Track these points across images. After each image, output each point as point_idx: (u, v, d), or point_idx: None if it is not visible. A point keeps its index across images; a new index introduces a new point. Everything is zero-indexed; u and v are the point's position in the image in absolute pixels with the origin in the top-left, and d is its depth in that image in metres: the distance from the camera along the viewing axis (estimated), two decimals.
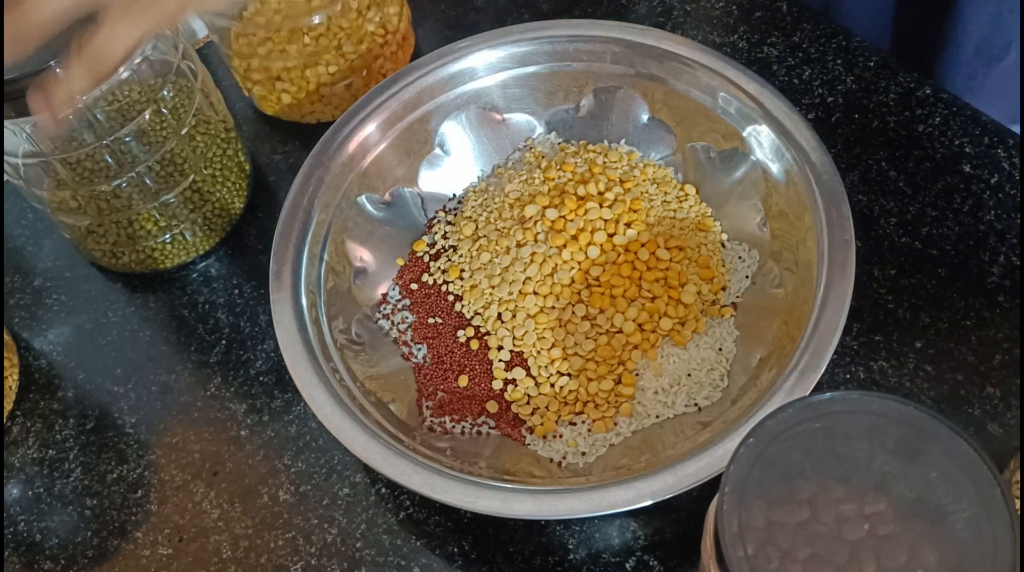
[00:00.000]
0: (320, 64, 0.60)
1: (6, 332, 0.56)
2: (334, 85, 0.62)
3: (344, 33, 0.60)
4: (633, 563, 0.47)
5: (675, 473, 0.42)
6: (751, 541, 0.30)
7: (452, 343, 0.53)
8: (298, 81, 0.61)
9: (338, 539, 0.49)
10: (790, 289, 0.50)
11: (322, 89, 0.61)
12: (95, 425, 0.54)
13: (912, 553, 0.30)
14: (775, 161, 0.52)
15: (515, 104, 0.58)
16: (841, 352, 0.51)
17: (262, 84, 0.62)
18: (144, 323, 0.58)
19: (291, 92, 0.62)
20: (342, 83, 0.62)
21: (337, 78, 0.61)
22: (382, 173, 0.56)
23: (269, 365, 0.55)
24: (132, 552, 0.50)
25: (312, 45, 0.60)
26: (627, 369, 0.50)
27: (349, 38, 0.60)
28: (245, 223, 0.61)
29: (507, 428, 0.50)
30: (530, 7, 0.68)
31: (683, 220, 0.54)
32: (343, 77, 0.62)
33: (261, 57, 0.60)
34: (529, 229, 0.53)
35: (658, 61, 0.55)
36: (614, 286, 0.51)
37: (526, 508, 0.43)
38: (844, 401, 0.33)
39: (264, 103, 0.64)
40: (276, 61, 0.60)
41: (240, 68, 0.62)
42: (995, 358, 0.50)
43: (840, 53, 0.63)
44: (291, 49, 0.59)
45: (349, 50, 0.60)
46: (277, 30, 0.59)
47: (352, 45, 0.60)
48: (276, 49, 0.60)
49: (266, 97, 0.63)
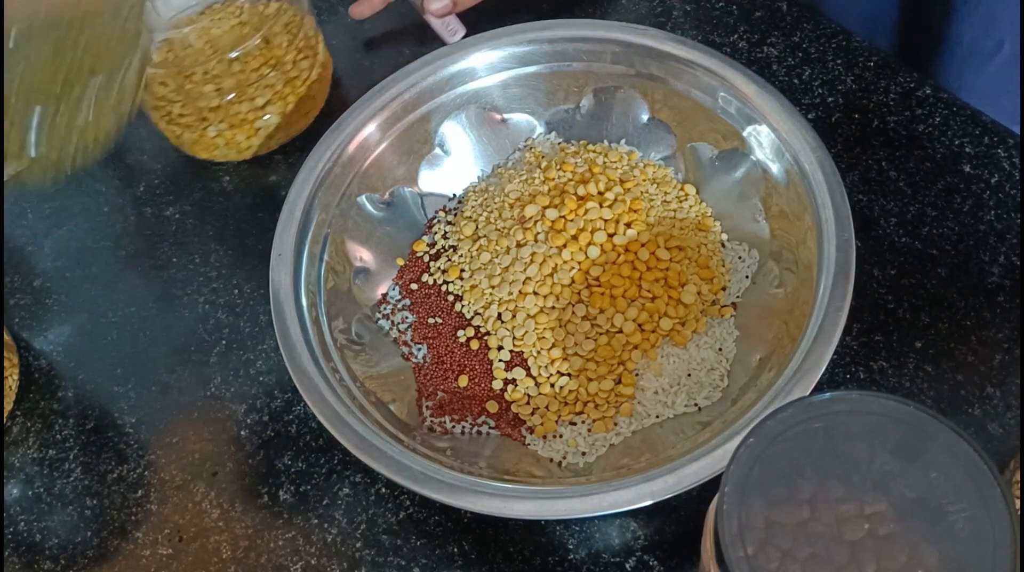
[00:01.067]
0: (244, 100, 0.59)
1: (6, 332, 0.56)
2: (262, 118, 0.61)
3: (266, 65, 0.60)
4: (633, 563, 0.47)
5: (675, 473, 0.42)
6: (751, 541, 0.30)
7: (452, 343, 0.53)
8: (228, 118, 0.60)
9: (338, 539, 0.49)
10: (790, 289, 0.50)
11: (256, 121, 0.61)
12: (95, 425, 0.54)
13: (912, 553, 0.30)
14: (775, 161, 0.52)
15: (515, 104, 0.58)
16: (841, 352, 0.51)
17: (191, 128, 0.61)
18: (144, 323, 0.58)
19: (221, 131, 0.61)
20: (268, 116, 0.61)
21: (266, 110, 0.61)
22: (382, 173, 0.56)
23: (269, 365, 0.55)
24: (132, 552, 0.50)
25: (235, 79, 0.59)
26: (627, 369, 0.50)
27: (273, 69, 0.60)
28: (246, 222, 0.61)
29: (507, 428, 0.50)
30: (530, 7, 0.68)
31: (683, 220, 0.54)
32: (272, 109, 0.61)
33: (183, 100, 0.59)
34: (529, 229, 0.53)
35: (658, 61, 0.55)
36: (614, 286, 0.51)
37: (526, 508, 0.43)
38: (844, 401, 0.33)
39: (196, 147, 0.62)
40: (200, 101, 0.59)
41: (165, 115, 0.61)
42: (995, 358, 0.50)
43: (840, 53, 0.63)
44: (213, 87, 0.59)
45: (273, 80, 0.60)
46: (195, 71, 0.58)
47: (276, 73, 0.60)
48: (197, 89, 0.59)
49: (198, 140, 0.62)
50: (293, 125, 0.63)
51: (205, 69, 0.58)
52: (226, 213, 0.62)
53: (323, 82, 0.64)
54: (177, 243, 0.61)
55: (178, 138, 0.62)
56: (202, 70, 0.58)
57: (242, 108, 0.60)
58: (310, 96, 0.63)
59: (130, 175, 0.63)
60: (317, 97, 0.64)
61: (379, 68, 0.65)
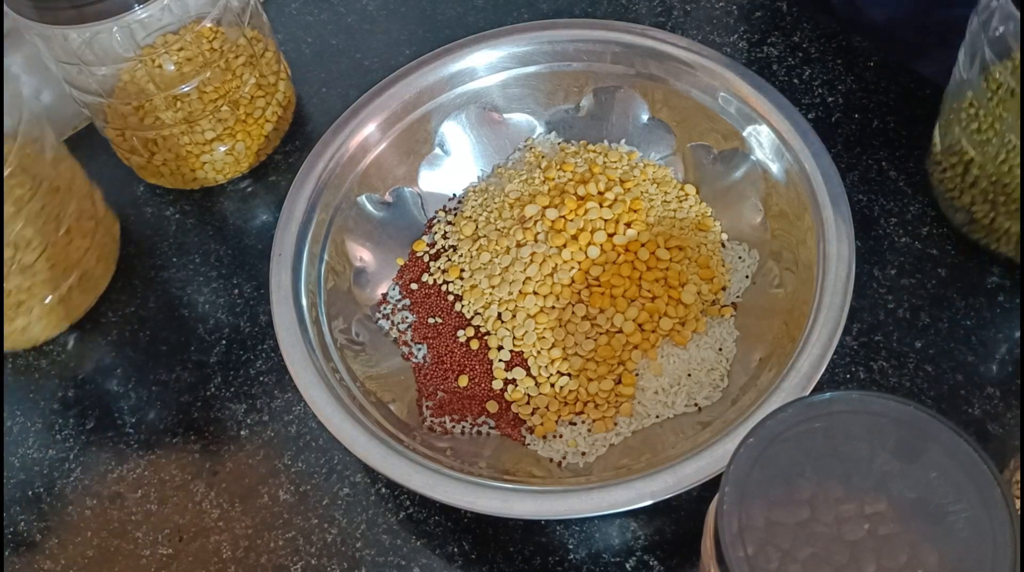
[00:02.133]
0: (196, 131, 0.59)
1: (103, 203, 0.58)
2: (213, 150, 0.60)
3: (220, 96, 0.59)
4: (633, 563, 0.47)
5: (675, 473, 0.42)
6: (751, 541, 0.30)
7: (452, 343, 0.53)
8: (175, 148, 0.60)
9: (338, 539, 0.49)
10: (790, 289, 0.50)
11: (203, 155, 0.60)
12: (95, 425, 0.54)
13: (912, 553, 0.30)
14: (775, 161, 0.52)
15: (515, 104, 0.59)
16: (841, 352, 0.51)
17: (139, 154, 0.60)
18: (144, 323, 0.58)
19: (169, 159, 0.60)
20: (221, 148, 0.61)
21: (216, 142, 0.60)
22: (382, 173, 0.56)
23: (269, 365, 0.55)
24: (132, 552, 0.50)
25: (185, 111, 0.58)
26: (627, 369, 0.50)
27: (225, 100, 0.59)
28: (246, 222, 0.61)
29: (507, 428, 0.50)
30: (530, 7, 0.68)
31: (683, 220, 0.54)
32: (222, 141, 0.60)
33: (134, 128, 0.58)
34: (529, 229, 0.53)
35: (658, 61, 0.55)
36: (614, 286, 0.51)
37: (526, 508, 0.43)
38: (844, 401, 0.33)
39: (144, 172, 0.62)
40: (149, 131, 0.58)
41: (116, 139, 0.61)
42: (995, 358, 0.50)
43: (840, 53, 0.63)
44: (165, 116, 0.58)
45: (226, 114, 0.60)
46: (149, 99, 0.57)
47: (229, 108, 0.59)
48: (148, 118, 0.58)
49: (145, 167, 0.61)
50: (243, 162, 0.62)
51: (154, 103, 0.58)
52: (226, 213, 0.62)
53: (282, 122, 0.63)
54: (177, 243, 0.61)
55: (127, 160, 0.62)
56: (150, 102, 0.57)
57: (185, 140, 0.59)
58: (263, 135, 0.62)
59: (130, 175, 0.63)
60: (271, 137, 0.63)
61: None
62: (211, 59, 0.58)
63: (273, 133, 0.63)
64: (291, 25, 0.70)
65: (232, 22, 0.59)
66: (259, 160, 0.63)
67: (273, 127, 0.63)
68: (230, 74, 0.59)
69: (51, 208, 0.53)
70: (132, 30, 0.54)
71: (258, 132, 0.62)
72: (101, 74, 0.56)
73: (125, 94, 0.58)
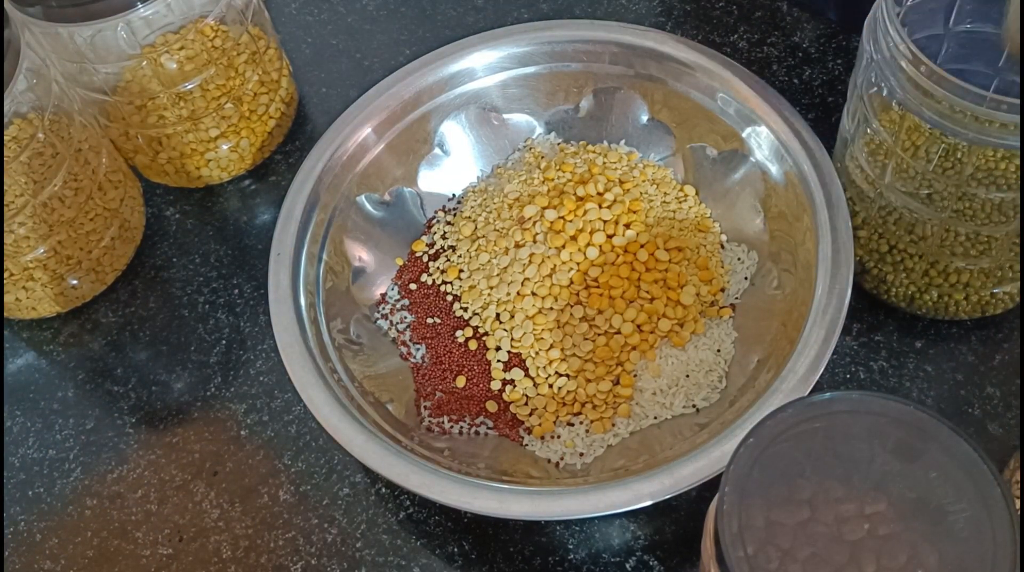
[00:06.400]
0: (200, 128, 0.59)
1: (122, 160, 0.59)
2: (217, 148, 0.60)
3: (224, 94, 0.59)
4: (633, 563, 0.47)
5: (672, 474, 0.42)
6: (751, 541, 0.30)
7: (450, 343, 0.53)
8: (180, 146, 0.60)
9: (338, 539, 0.49)
10: (789, 290, 0.50)
11: (207, 153, 0.60)
12: (95, 425, 0.54)
13: (912, 553, 0.30)
14: (774, 162, 0.52)
15: (515, 104, 0.59)
16: (841, 352, 0.51)
17: (143, 153, 0.60)
18: (144, 323, 0.58)
19: (174, 158, 0.60)
20: (225, 145, 0.61)
21: (220, 140, 0.60)
22: (381, 173, 0.56)
23: (269, 365, 0.55)
24: (132, 552, 0.50)
25: (188, 108, 0.58)
26: (625, 370, 0.50)
27: (229, 98, 0.59)
28: (246, 222, 0.61)
29: (505, 428, 0.50)
30: (530, 7, 0.68)
31: (682, 221, 0.54)
32: (226, 138, 0.60)
33: (137, 126, 0.58)
34: (528, 230, 0.53)
35: (658, 62, 0.55)
36: (613, 287, 0.51)
37: (523, 509, 0.43)
38: (844, 401, 0.33)
39: (148, 171, 0.62)
40: (153, 129, 0.58)
41: (119, 139, 0.60)
42: (995, 358, 0.50)
43: (840, 53, 0.63)
44: (169, 114, 0.58)
45: (230, 111, 0.60)
46: (153, 97, 0.57)
47: (233, 105, 0.59)
48: (151, 117, 0.58)
49: (149, 166, 0.61)
50: (247, 159, 0.62)
51: (157, 101, 0.58)
52: (226, 213, 0.62)
53: (285, 118, 0.63)
54: (177, 243, 0.61)
55: (131, 161, 0.62)
56: (153, 101, 0.57)
57: (190, 138, 0.59)
58: (267, 131, 0.62)
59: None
60: (275, 133, 0.63)
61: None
62: (214, 57, 0.58)
63: (276, 129, 0.63)
64: (291, 25, 0.70)
65: (234, 19, 0.59)
66: (263, 157, 0.63)
67: (276, 123, 0.63)
68: (233, 71, 0.59)
69: (83, 162, 0.55)
70: (135, 28, 0.54)
71: (262, 128, 0.62)
72: (104, 72, 0.56)
73: (128, 92, 0.58)
